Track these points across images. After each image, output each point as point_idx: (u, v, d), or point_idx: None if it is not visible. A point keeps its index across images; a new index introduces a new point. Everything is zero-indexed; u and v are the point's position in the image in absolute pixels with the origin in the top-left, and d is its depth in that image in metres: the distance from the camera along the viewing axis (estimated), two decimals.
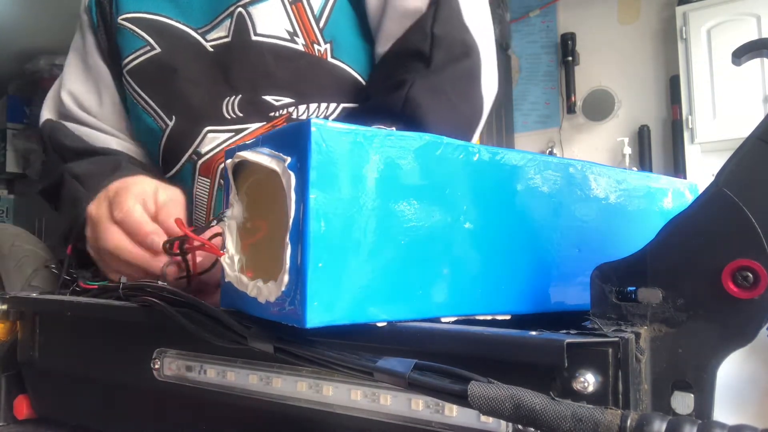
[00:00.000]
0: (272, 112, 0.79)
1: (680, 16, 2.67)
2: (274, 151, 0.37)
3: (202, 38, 0.81)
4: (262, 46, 0.77)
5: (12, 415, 0.62)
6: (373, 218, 0.36)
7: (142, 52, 0.82)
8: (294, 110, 0.79)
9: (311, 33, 0.78)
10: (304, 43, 0.78)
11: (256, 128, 0.79)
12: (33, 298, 0.62)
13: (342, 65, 0.80)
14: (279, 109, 0.79)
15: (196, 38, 0.81)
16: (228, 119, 0.80)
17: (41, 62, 3.75)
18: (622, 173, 0.51)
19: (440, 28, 0.75)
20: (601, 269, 0.36)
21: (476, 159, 0.41)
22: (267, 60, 0.78)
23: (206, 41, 0.81)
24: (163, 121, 0.83)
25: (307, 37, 0.78)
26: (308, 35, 0.78)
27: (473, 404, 0.31)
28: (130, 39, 0.83)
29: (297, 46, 0.78)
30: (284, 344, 0.37)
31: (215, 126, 0.80)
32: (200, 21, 0.81)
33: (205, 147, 0.81)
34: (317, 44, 0.78)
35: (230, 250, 0.43)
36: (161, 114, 0.83)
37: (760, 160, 0.32)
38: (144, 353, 0.51)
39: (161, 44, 0.82)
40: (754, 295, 0.31)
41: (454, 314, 0.40)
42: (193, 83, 0.81)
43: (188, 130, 0.81)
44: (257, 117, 0.79)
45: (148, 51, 0.82)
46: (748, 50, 0.41)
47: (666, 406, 0.32)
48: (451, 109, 0.75)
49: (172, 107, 0.82)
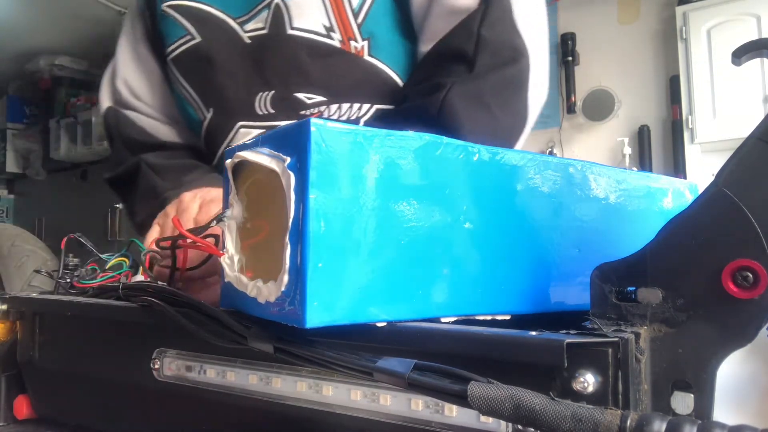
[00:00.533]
0: (303, 110, 0.77)
1: (680, 16, 2.67)
2: (273, 151, 0.37)
3: (240, 28, 0.79)
4: (297, 41, 0.75)
5: (12, 415, 0.62)
6: (373, 218, 0.36)
7: (183, 41, 0.81)
8: (326, 109, 0.76)
9: (348, 28, 0.75)
10: (341, 39, 0.75)
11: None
12: (33, 298, 0.62)
13: (379, 64, 0.76)
14: (311, 107, 0.77)
15: (234, 28, 0.79)
16: (260, 115, 0.78)
17: (41, 62, 3.76)
18: (622, 173, 0.51)
19: (488, 29, 0.70)
20: (601, 269, 0.36)
21: (476, 159, 0.41)
22: (301, 55, 0.75)
23: (244, 32, 0.79)
24: (202, 113, 0.83)
25: (344, 33, 0.75)
26: (345, 31, 0.75)
27: (473, 404, 0.31)
28: (173, 27, 0.82)
29: (333, 42, 0.75)
30: (284, 344, 0.37)
31: (248, 121, 0.79)
32: (239, 10, 0.79)
33: (237, 142, 0.79)
34: (354, 41, 0.75)
35: (230, 250, 0.43)
36: (201, 105, 0.82)
37: (760, 160, 0.32)
38: (144, 353, 0.51)
39: (202, 33, 0.80)
40: (754, 295, 0.31)
41: (454, 314, 0.40)
42: (228, 76, 0.79)
43: (223, 124, 0.80)
44: (288, 114, 0.77)
45: (189, 40, 0.81)
46: (748, 50, 0.41)
47: (666, 406, 0.32)
48: (491, 119, 0.71)
49: (209, 99, 0.81)
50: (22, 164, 4.02)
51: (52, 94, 3.84)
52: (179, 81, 0.84)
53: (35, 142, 3.92)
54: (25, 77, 3.97)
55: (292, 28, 0.75)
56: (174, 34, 0.82)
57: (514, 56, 0.71)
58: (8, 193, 4.19)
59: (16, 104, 4.05)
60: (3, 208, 4.13)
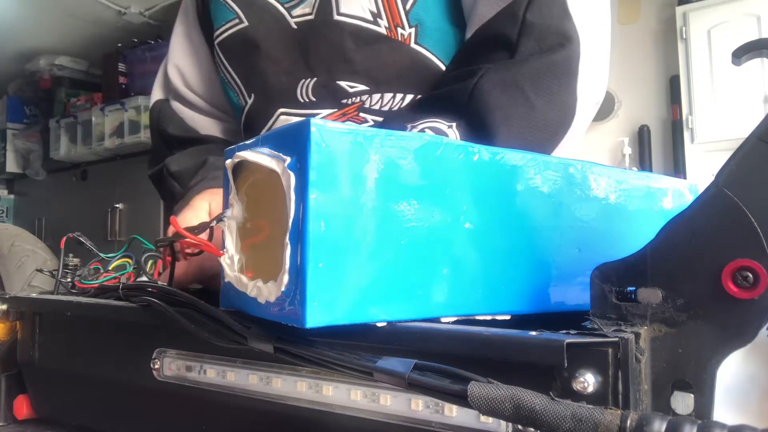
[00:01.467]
0: (345, 99, 0.75)
1: (680, 16, 2.67)
2: (273, 151, 0.37)
3: (288, 13, 0.78)
4: (343, 27, 0.73)
5: (12, 415, 0.62)
6: (373, 218, 0.36)
7: (231, 24, 0.80)
8: (367, 98, 0.74)
9: (396, 15, 0.72)
10: (387, 26, 0.72)
11: (326, 114, 0.76)
12: (33, 298, 0.62)
13: (426, 52, 0.73)
14: (352, 96, 0.75)
15: (282, 13, 0.78)
16: (301, 102, 0.77)
17: (41, 62, 3.76)
18: (622, 173, 0.51)
19: (534, 13, 0.65)
20: (601, 269, 0.36)
21: (476, 159, 0.41)
22: (346, 42, 0.73)
23: (291, 17, 0.77)
24: (244, 98, 0.82)
25: (391, 20, 0.72)
26: (392, 17, 0.72)
27: (473, 404, 0.31)
28: (222, 10, 0.81)
29: (379, 28, 0.72)
30: (284, 344, 0.37)
31: (288, 108, 0.78)
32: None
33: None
34: (401, 28, 0.72)
35: (230, 250, 0.43)
36: (243, 90, 0.81)
37: (760, 160, 0.32)
38: (144, 353, 0.51)
39: (249, 17, 0.79)
40: (754, 295, 0.31)
41: (454, 314, 0.40)
42: (273, 61, 0.78)
43: (263, 110, 0.79)
44: (329, 103, 0.76)
45: (237, 24, 0.79)
46: (748, 50, 0.41)
47: (666, 406, 0.32)
48: (528, 108, 0.64)
49: (252, 84, 0.80)
50: (22, 164, 4.02)
51: (52, 94, 3.84)
52: (224, 65, 0.83)
53: (35, 142, 3.91)
54: (25, 77, 3.96)
55: (339, 14, 0.74)
56: (222, 17, 0.81)
57: (561, 41, 0.65)
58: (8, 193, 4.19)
59: (16, 104, 4.05)
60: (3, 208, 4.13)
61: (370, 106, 0.75)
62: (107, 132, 3.36)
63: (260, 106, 0.80)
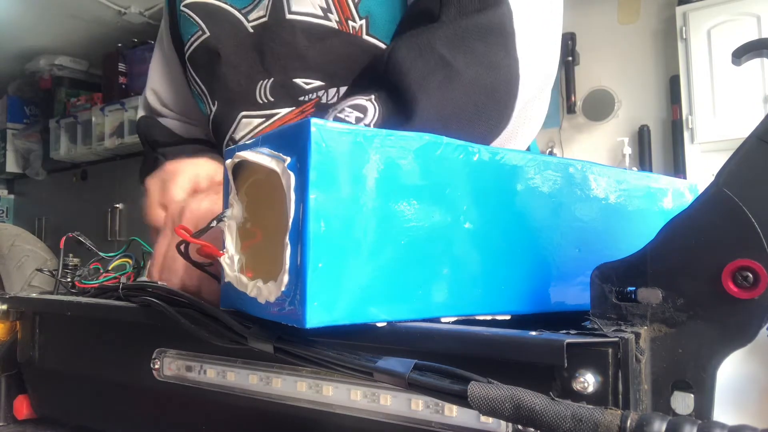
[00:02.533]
0: (302, 96, 0.76)
1: (680, 16, 2.67)
2: (273, 151, 0.37)
3: (245, 18, 0.79)
4: (295, 25, 0.74)
5: (12, 415, 0.62)
6: (373, 218, 0.36)
7: (196, 36, 0.82)
8: (324, 94, 0.75)
9: (346, 8, 0.72)
10: (338, 20, 0.73)
11: (285, 113, 0.76)
12: (33, 298, 0.62)
13: (378, 43, 0.72)
14: (309, 93, 0.75)
15: (239, 19, 0.80)
16: (261, 104, 0.78)
17: (41, 62, 3.76)
18: (622, 173, 0.51)
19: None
20: (601, 269, 0.36)
21: (476, 159, 0.41)
22: (299, 39, 0.74)
23: (248, 21, 0.79)
24: (209, 106, 0.83)
25: (341, 13, 0.73)
26: (342, 11, 0.72)
27: (473, 404, 0.31)
28: (187, 24, 0.83)
29: (330, 23, 0.73)
30: (284, 344, 0.37)
31: (249, 111, 0.78)
32: (243, 1, 0.80)
33: (240, 132, 0.79)
34: (352, 20, 0.72)
35: (230, 250, 0.43)
36: (208, 98, 0.83)
37: (760, 160, 0.32)
38: (144, 353, 0.51)
39: (210, 28, 0.81)
40: (754, 295, 0.31)
41: (454, 314, 0.40)
42: (232, 66, 0.79)
43: (227, 115, 0.81)
44: (287, 101, 0.76)
45: (201, 35, 0.82)
46: (748, 50, 0.41)
47: (666, 406, 0.32)
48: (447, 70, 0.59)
49: (215, 91, 0.82)
50: (22, 164, 4.02)
51: (52, 94, 3.84)
52: (193, 77, 0.85)
53: (35, 142, 3.92)
54: (25, 77, 3.97)
55: (291, 12, 0.75)
56: (188, 31, 0.83)
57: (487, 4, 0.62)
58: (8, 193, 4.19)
59: (16, 104, 4.05)
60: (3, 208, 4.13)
61: (327, 102, 0.74)
62: (107, 132, 3.36)
63: (224, 112, 0.81)
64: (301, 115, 0.75)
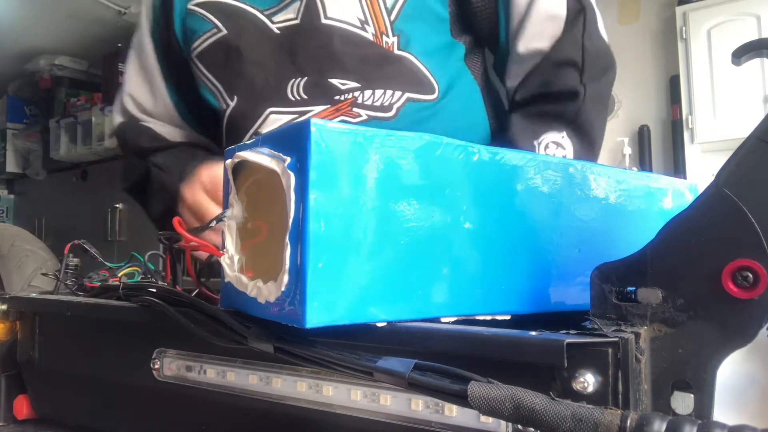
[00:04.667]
0: (337, 96, 0.80)
1: (680, 16, 2.67)
2: (273, 151, 0.37)
3: (269, 20, 0.83)
4: (331, 29, 0.79)
5: (12, 415, 0.62)
6: (373, 218, 0.36)
7: (209, 34, 0.85)
8: (360, 95, 0.80)
9: (381, 24, 0.79)
10: (374, 33, 0.79)
11: (320, 110, 0.81)
12: (33, 298, 0.62)
13: (409, 57, 0.81)
14: (344, 93, 0.80)
15: (262, 20, 0.83)
16: (292, 101, 0.82)
17: (41, 62, 3.75)
18: (622, 173, 0.51)
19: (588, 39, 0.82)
20: (601, 269, 0.36)
21: (476, 159, 0.41)
22: (335, 43, 0.79)
23: (272, 23, 0.83)
24: (225, 102, 0.87)
25: (377, 27, 0.79)
26: (378, 26, 0.79)
27: (473, 404, 0.31)
28: (199, 22, 0.86)
29: (366, 34, 0.79)
30: (284, 344, 0.37)
31: (278, 107, 0.82)
32: (267, 3, 0.84)
33: (267, 128, 0.83)
34: (386, 36, 0.79)
35: (230, 250, 0.42)
36: (224, 94, 0.87)
37: (760, 160, 0.32)
38: (144, 353, 0.51)
39: (228, 26, 0.84)
40: (754, 295, 0.31)
41: (454, 314, 0.40)
42: (257, 65, 0.83)
43: (249, 111, 0.84)
44: (322, 100, 0.81)
45: (215, 33, 0.85)
46: (748, 50, 0.41)
47: (666, 406, 0.32)
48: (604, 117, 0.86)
49: (234, 88, 0.85)
50: (22, 164, 4.02)
51: (52, 94, 3.84)
52: (202, 74, 0.88)
53: (35, 142, 3.91)
54: (25, 77, 3.96)
55: (327, 17, 0.79)
56: (199, 29, 0.86)
57: (610, 63, 0.85)
58: (8, 193, 4.18)
59: (16, 104, 4.04)
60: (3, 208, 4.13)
61: (363, 102, 0.79)
62: (107, 132, 3.36)
63: (245, 107, 0.85)
64: (337, 113, 0.80)
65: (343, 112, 0.80)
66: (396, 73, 0.80)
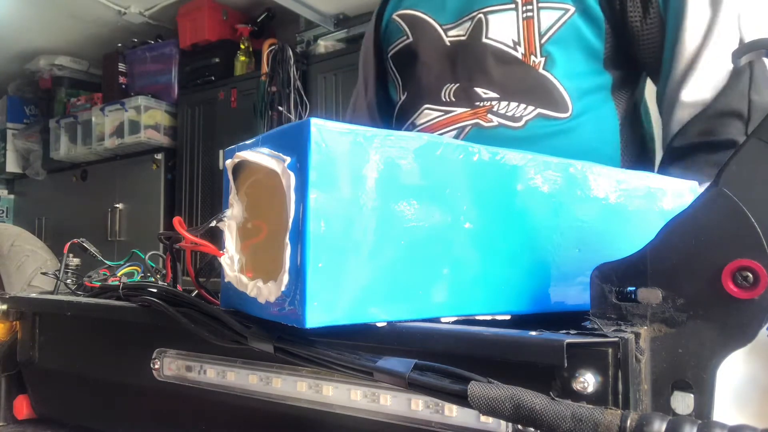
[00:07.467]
0: (478, 102, 0.94)
1: None
2: (273, 151, 0.37)
3: (444, 33, 1.00)
4: (487, 47, 0.93)
5: (12, 415, 0.62)
6: (373, 218, 0.36)
7: (401, 40, 1.06)
8: (497, 103, 0.92)
9: (532, 45, 0.92)
10: (523, 53, 0.92)
11: (461, 112, 0.95)
12: (33, 298, 0.62)
13: (551, 77, 0.91)
14: (484, 100, 0.93)
15: (439, 33, 1.00)
16: (443, 101, 0.98)
17: (41, 62, 3.75)
18: (622, 173, 0.51)
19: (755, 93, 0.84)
20: (601, 269, 0.36)
21: (476, 159, 0.41)
22: (488, 59, 0.93)
23: (447, 36, 0.99)
24: (400, 94, 1.07)
25: (527, 48, 0.92)
26: (529, 47, 0.92)
27: (473, 404, 0.31)
28: (396, 30, 1.07)
29: (516, 53, 0.92)
30: (284, 344, 0.37)
31: (432, 105, 0.99)
32: (447, 19, 1.00)
33: (420, 120, 1.00)
34: (534, 56, 0.92)
35: (230, 250, 0.42)
36: (401, 88, 1.07)
37: (760, 160, 0.32)
38: (144, 353, 0.51)
39: (414, 35, 1.04)
40: (754, 295, 0.31)
41: (454, 314, 0.40)
42: (427, 67, 1.00)
43: (412, 105, 1.02)
44: (465, 103, 0.95)
45: (405, 40, 1.05)
46: (748, 50, 0.41)
47: (666, 406, 0.32)
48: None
49: (407, 84, 1.05)
50: (22, 164, 4.02)
51: (52, 94, 3.84)
52: (393, 71, 1.09)
53: (35, 142, 3.91)
54: (25, 77, 3.96)
55: (487, 37, 0.94)
56: (396, 35, 1.07)
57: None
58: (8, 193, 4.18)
59: (16, 104, 4.04)
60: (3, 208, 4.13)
61: (498, 110, 0.92)
62: (107, 132, 3.36)
63: (411, 101, 1.03)
64: (473, 116, 0.94)
65: (478, 116, 0.93)
66: (534, 89, 0.91)
